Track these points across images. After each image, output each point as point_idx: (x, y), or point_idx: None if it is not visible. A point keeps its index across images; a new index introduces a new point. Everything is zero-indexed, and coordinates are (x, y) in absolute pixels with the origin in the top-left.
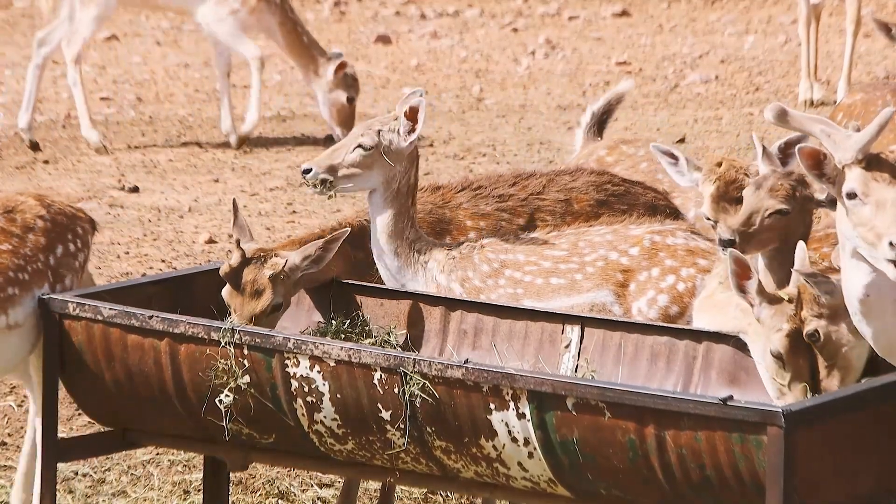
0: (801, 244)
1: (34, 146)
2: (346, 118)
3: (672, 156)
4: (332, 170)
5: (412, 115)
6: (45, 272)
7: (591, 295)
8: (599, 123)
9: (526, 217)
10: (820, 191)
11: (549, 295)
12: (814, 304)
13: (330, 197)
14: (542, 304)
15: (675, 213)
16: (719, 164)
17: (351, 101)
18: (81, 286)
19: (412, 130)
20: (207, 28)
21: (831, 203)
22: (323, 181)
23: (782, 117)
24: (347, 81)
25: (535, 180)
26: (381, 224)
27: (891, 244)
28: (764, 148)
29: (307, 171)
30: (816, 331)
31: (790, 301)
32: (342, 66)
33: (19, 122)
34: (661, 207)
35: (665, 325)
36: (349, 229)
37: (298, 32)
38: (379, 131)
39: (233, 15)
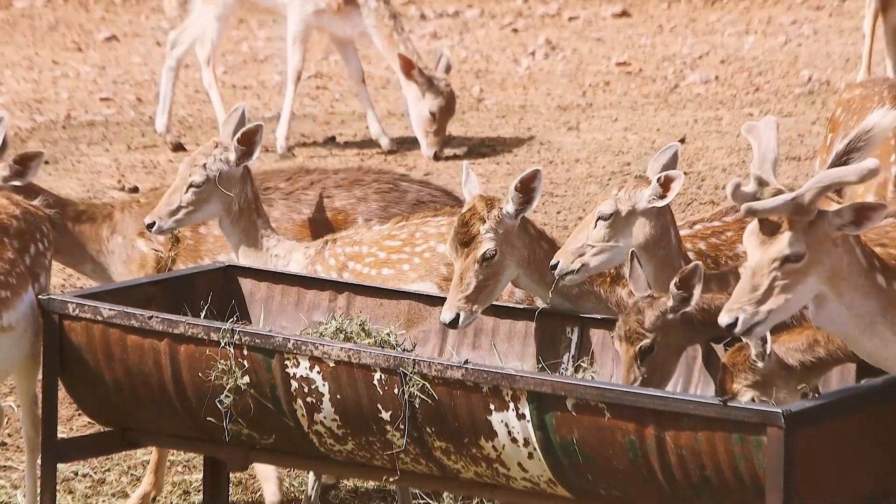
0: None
1: (177, 147)
2: (433, 130)
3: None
4: (173, 215)
5: (247, 139)
6: (27, 274)
7: (415, 287)
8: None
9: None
10: (669, 298)
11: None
12: (747, 373)
13: (176, 240)
14: (259, 268)
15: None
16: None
17: (433, 114)
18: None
19: (247, 154)
20: (286, 16)
21: (683, 302)
22: (169, 229)
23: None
24: (433, 93)
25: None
26: (237, 244)
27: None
28: (633, 259)
29: (151, 226)
30: (752, 399)
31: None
32: (406, 62)
33: (156, 126)
34: (429, 203)
35: None
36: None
37: (395, 39)
38: (205, 165)
39: (316, 14)
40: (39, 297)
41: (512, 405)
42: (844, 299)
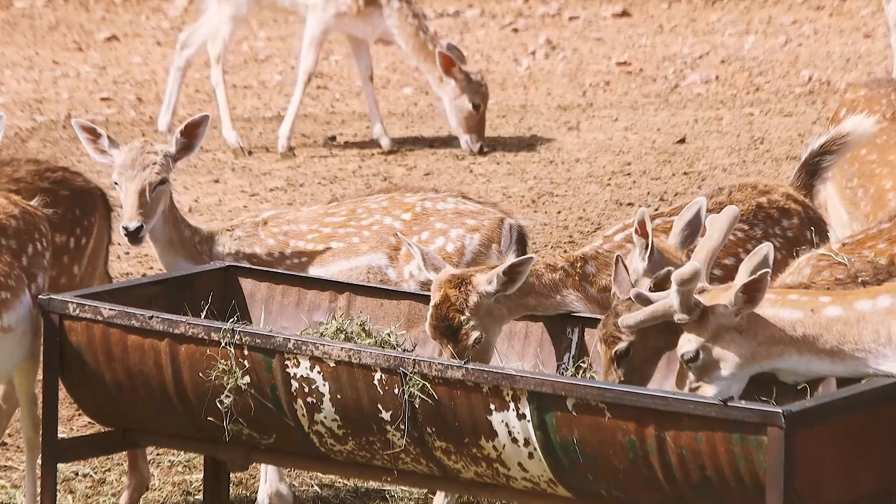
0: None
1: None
2: (475, 125)
3: None
4: (148, 216)
5: (189, 131)
6: (23, 275)
7: (367, 258)
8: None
9: None
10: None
11: (329, 260)
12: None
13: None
14: (324, 270)
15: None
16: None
17: (477, 107)
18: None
19: (188, 147)
20: (306, 17)
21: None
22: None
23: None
24: (474, 87)
25: None
26: (168, 243)
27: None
28: (618, 263)
29: (138, 230)
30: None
31: None
32: (447, 60)
33: (159, 125)
34: (90, 191)
35: None
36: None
37: (421, 38)
38: (161, 163)
39: (336, 17)
40: (39, 297)
41: (512, 405)
42: (790, 358)
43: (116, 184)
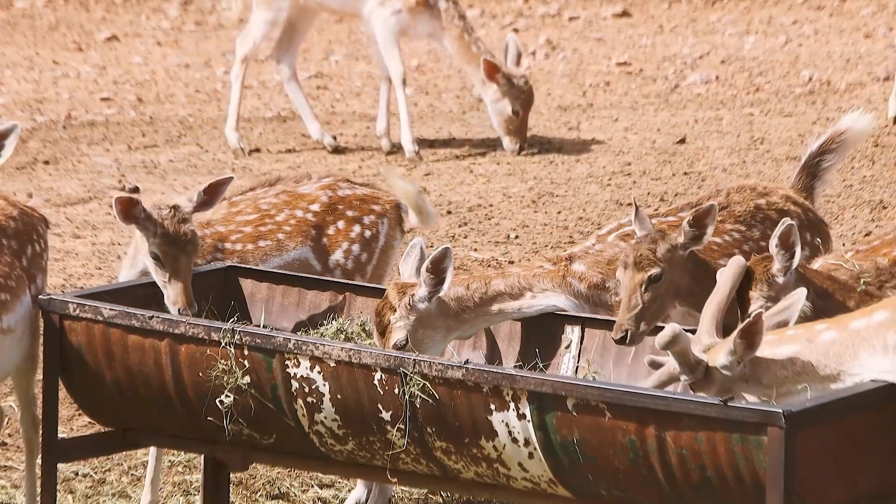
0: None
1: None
2: (515, 128)
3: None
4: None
5: (212, 190)
6: (23, 276)
7: (295, 252)
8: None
9: None
10: (680, 234)
11: (263, 259)
12: (764, 284)
13: None
14: (260, 269)
15: None
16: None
17: (516, 113)
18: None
19: (207, 203)
20: (368, 28)
21: (694, 240)
22: None
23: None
24: (515, 93)
25: None
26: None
27: None
28: (637, 209)
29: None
30: (760, 307)
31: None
32: (490, 66)
33: (311, 132)
34: None
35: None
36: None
37: (466, 40)
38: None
39: (395, 16)
40: (40, 297)
41: (512, 405)
42: (798, 394)
43: (157, 257)
